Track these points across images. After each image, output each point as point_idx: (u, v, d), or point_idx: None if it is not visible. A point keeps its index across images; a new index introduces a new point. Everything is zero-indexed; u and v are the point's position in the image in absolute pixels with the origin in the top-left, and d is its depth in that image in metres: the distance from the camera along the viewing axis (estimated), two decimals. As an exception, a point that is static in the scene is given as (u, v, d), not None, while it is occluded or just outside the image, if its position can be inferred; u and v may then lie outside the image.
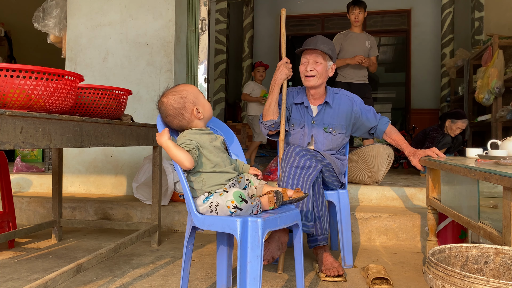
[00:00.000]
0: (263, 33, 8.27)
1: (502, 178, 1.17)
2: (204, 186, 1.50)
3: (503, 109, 4.49)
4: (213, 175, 1.51)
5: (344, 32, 3.97)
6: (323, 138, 2.19)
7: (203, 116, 1.59)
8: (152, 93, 3.26)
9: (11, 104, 1.36)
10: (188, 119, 1.57)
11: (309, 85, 2.16)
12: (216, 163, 1.52)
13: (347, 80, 3.90)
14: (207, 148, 1.52)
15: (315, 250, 2.04)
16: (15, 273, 1.95)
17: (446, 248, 1.15)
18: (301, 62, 2.19)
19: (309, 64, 2.13)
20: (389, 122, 2.27)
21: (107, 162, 3.34)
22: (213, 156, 1.52)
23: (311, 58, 2.13)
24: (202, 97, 1.61)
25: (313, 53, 2.13)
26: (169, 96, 1.57)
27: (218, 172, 1.51)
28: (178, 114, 1.56)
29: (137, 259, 2.21)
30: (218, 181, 1.51)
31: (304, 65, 2.16)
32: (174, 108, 1.56)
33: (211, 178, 1.50)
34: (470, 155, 2.13)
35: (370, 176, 3.06)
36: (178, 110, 1.56)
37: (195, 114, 1.57)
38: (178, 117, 1.57)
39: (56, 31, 3.43)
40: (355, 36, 3.92)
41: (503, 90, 4.53)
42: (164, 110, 1.58)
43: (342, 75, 3.93)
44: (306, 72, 2.14)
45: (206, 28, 3.47)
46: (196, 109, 1.57)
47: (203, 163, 1.51)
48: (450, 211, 1.73)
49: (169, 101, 1.57)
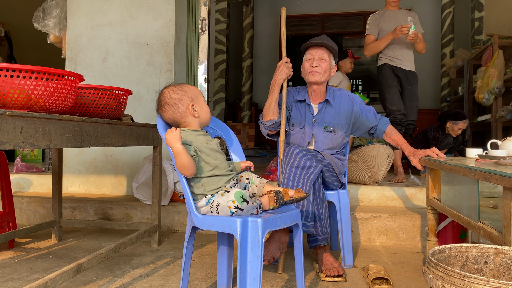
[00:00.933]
0: (263, 33, 8.26)
1: (502, 178, 1.17)
2: (205, 191, 1.50)
3: (503, 109, 4.49)
4: (213, 179, 1.50)
5: (378, 12, 3.46)
6: (323, 137, 2.19)
7: (199, 116, 1.58)
8: (152, 93, 3.25)
9: (11, 104, 1.36)
10: (183, 113, 1.56)
11: (313, 80, 2.16)
12: (215, 166, 1.51)
13: (396, 64, 3.37)
14: (204, 151, 1.51)
15: (315, 250, 2.04)
16: (15, 273, 1.95)
17: (446, 248, 1.15)
18: (306, 58, 2.19)
19: (314, 60, 2.15)
20: (389, 123, 2.27)
21: (107, 162, 3.34)
22: (211, 159, 1.51)
23: (317, 54, 2.16)
24: (202, 100, 1.61)
25: (319, 50, 2.16)
26: (170, 87, 1.59)
27: (218, 175, 1.51)
28: (173, 105, 1.55)
29: (137, 259, 2.21)
30: (217, 184, 1.50)
31: (309, 62, 2.17)
32: (171, 97, 1.55)
33: (211, 182, 1.50)
34: (470, 155, 2.13)
35: (370, 176, 3.06)
36: (174, 100, 1.55)
37: (190, 110, 1.55)
38: (173, 108, 1.55)
39: (56, 31, 3.43)
40: (393, 13, 3.39)
41: (503, 90, 4.52)
42: (162, 99, 1.58)
43: (388, 59, 3.40)
44: (312, 68, 2.15)
45: (206, 28, 3.47)
46: (193, 105, 1.56)
47: (202, 168, 1.50)
48: (450, 211, 1.73)
49: (168, 91, 1.57)
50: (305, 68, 2.19)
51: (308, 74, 2.17)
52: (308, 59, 2.18)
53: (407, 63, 3.38)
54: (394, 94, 3.33)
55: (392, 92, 3.34)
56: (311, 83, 2.20)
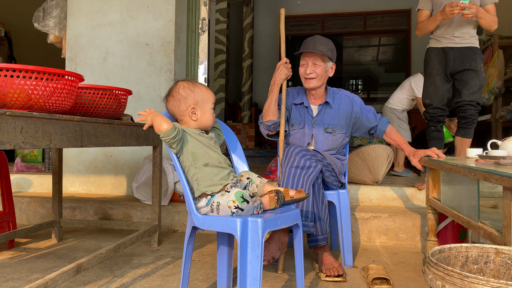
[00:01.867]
0: (263, 33, 8.27)
1: (502, 178, 1.17)
2: (200, 186, 1.49)
3: (503, 109, 4.49)
4: (206, 174, 1.49)
5: None
6: (323, 138, 2.19)
7: (197, 119, 1.57)
8: (152, 93, 3.26)
9: (11, 104, 1.36)
10: (181, 112, 1.57)
11: (309, 87, 2.17)
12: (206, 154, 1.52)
13: (443, 44, 2.81)
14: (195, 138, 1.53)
15: (315, 250, 2.04)
16: (15, 273, 1.95)
17: (446, 248, 1.15)
18: (301, 64, 2.18)
19: (308, 66, 2.13)
20: (389, 123, 2.27)
21: (107, 162, 3.34)
22: (202, 145, 1.52)
23: (310, 60, 2.13)
24: (209, 106, 1.59)
25: (312, 55, 2.12)
26: (185, 82, 1.60)
27: (211, 166, 1.50)
28: (177, 100, 1.57)
29: (137, 259, 2.21)
30: (212, 180, 1.49)
31: (304, 67, 2.15)
32: (178, 92, 1.58)
33: (205, 177, 1.49)
34: (470, 155, 2.12)
35: (370, 176, 3.06)
36: (179, 96, 1.57)
37: (189, 111, 1.56)
38: (175, 103, 1.58)
39: (56, 31, 3.43)
40: None
41: (503, 90, 4.52)
42: (172, 89, 1.60)
43: (435, 39, 2.86)
44: (306, 74, 2.14)
45: (206, 28, 3.47)
46: (193, 108, 1.55)
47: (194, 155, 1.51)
48: (450, 211, 1.73)
49: (180, 85, 1.59)
50: (301, 74, 2.18)
51: (304, 81, 2.18)
52: (302, 64, 2.17)
53: (461, 39, 2.76)
54: (430, 85, 2.86)
55: (429, 82, 2.87)
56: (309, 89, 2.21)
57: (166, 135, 1.45)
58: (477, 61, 2.74)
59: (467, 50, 2.76)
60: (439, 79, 2.82)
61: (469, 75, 2.75)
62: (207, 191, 1.49)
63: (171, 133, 1.45)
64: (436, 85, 2.83)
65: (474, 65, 2.73)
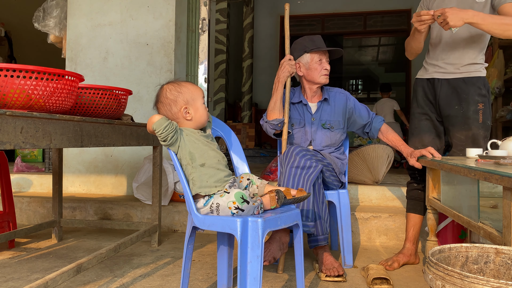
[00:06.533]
0: (263, 33, 8.27)
1: (502, 178, 1.17)
2: (195, 186, 1.48)
3: (503, 109, 4.49)
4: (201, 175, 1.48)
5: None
6: (322, 134, 2.21)
7: (192, 119, 1.55)
8: (152, 93, 3.26)
9: (11, 104, 1.36)
10: (175, 114, 1.55)
11: (326, 82, 2.22)
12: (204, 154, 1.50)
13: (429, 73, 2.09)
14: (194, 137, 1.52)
15: (315, 250, 2.04)
16: (15, 273, 1.95)
17: (446, 248, 1.15)
18: (315, 60, 2.20)
19: (325, 62, 2.21)
20: (384, 121, 2.28)
21: (107, 162, 3.34)
22: (200, 144, 1.51)
23: (324, 57, 2.22)
24: (200, 102, 1.57)
25: (325, 53, 2.22)
26: (170, 85, 1.57)
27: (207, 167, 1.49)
28: (167, 104, 1.55)
29: (137, 259, 2.21)
30: (207, 181, 1.48)
31: (322, 64, 2.20)
32: (166, 97, 1.55)
33: (200, 178, 1.48)
34: (470, 155, 2.12)
35: (370, 176, 3.06)
36: (168, 100, 1.54)
37: (182, 112, 1.53)
38: (166, 107, 1.55)
39: (56, 31, 3.43)
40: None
41: (503, 90, 4.52)
42: (159, 95, 1.58)
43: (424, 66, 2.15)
44: (325, 71, 2.21)
45: (206, 28, 3.47)
46: (185, 108, 1.53)
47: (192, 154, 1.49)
48: (450, 211, 1.73)
49: (166, 89, 1.56)
50: (317, 69, 2.19)
51: (322, 77, 2.20)
52: (319, 60, 2.20)
53: (455, 68, 2.00)
54: (414, 130, 2.16)
55: (413, 126, 2.17)
56: (319, 84, 2.23)
57: (159, 125, 1.43)
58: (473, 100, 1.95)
59: (460, 83, 1.98)
60: (425, 123, 2.11)
61: (456, 122, 1.99)
62: (200, 192, 1.48)
63: (164, 122, 1.43)
64: (419, 131, 2.13)
65: (466, 106, 1.95)
